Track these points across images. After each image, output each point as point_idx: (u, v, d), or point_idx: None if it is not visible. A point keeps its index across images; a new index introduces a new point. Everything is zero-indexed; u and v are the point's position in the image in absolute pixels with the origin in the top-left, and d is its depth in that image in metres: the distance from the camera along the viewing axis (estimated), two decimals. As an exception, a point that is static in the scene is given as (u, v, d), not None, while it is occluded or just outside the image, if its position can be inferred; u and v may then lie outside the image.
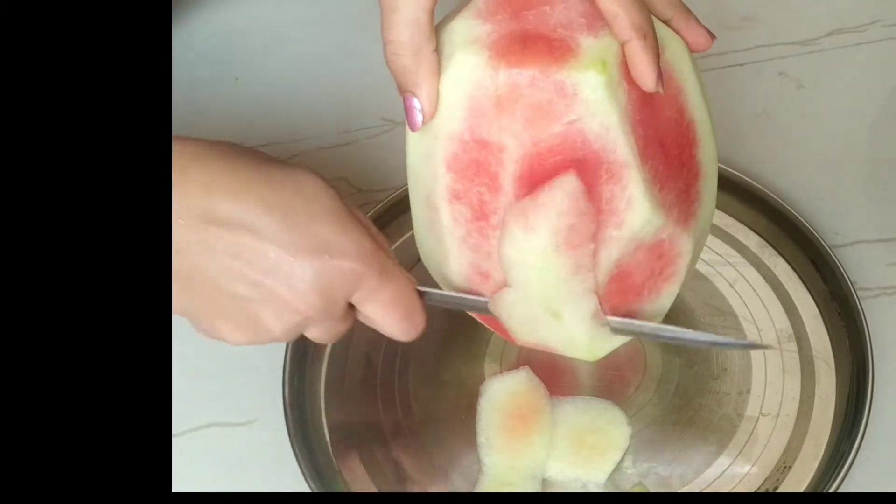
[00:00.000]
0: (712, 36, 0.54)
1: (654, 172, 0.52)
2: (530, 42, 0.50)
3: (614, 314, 0.57)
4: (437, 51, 0.51)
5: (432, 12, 0.51)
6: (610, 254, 0.53)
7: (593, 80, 0.49)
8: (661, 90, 0.51)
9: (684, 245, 0.55)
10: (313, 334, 0.54)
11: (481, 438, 0.62)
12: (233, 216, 0.50)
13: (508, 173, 0.52)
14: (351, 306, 0.54)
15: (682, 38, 0.53)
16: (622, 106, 0.50)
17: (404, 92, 0.52)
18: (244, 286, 0.50)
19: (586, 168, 0.51)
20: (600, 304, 0.55)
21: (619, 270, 0.54)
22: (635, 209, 0.52)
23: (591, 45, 0.50)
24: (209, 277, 0.50)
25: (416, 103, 0.52)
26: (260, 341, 0.53)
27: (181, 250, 0.49)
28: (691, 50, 0.54)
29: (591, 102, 0.49)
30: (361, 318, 0.55)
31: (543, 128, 0.50)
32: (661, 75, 0.50)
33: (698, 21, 0.53)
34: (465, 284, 0.58)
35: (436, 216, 0.55)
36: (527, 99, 0.50)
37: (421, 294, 0.55)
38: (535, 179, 0.51)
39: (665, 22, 0.52)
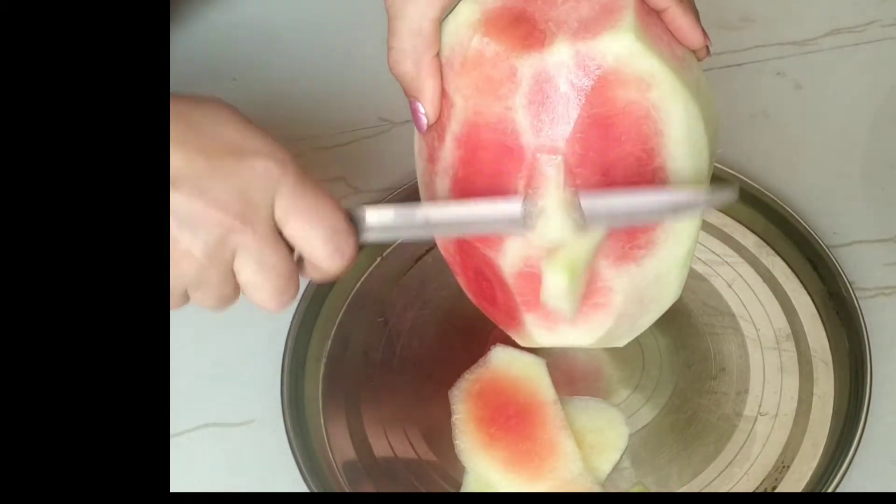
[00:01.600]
0: (706, 38, 0.54)
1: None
2: (517, 22, 0.52)
3: (529, 311, 0.59)
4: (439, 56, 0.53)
5: (437, 21, 0.52)
6: (516, 248, 0.55)
7: None
8: (708, 44, 0.53)
9: (615, 281, 0.56)
10: (246, 271, 0.48)
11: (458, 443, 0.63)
12: None
13: (451, 130, 0.53)
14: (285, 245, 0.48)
15: (672, 29, 0.53)
16: None
17: (409, 96, 0.54)
18: None
19: (511, 157, 0.52)
20: (511, 295, 0.57)
21: (530, 270, 0.56)
22: (546, 220, 0.53)
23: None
24: None
25: (420, 107, 0.53)
26: (187, 275, 0.47)
27: None
28: (682, 41, 0.54)
29: None
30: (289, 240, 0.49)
31: (487, 102, 0.52)
32: (706, 35, 0.53)
33: (695, 20, 0.53)
34: None
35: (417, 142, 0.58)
36: (484, 69, 0.52)
37: (355, 220, 0.50)
38: (469, 146, 0.53)
39: (659, 13, 0.52)
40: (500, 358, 0.65)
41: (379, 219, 0.50)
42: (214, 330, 0.70)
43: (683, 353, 0.66)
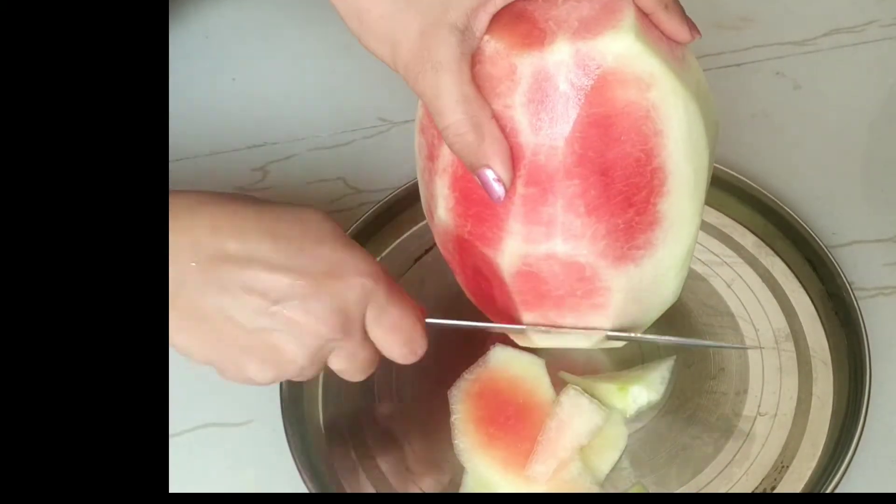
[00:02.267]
0: (695, 30, 0.53)
1: (581, 192, 0.52)
2: (517, 21, 0.52)
3: (527, 311, 0.59)
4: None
5: (472, 79, 0.51)
6: (515, 247, 0.54)
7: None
8: (698, 35, 0.53)
9: (614, 281, 0.56)
10: (338, 364, 0.55)
11: (457, 442, 0.63)
12: (241, 252, 0.51)
13: None
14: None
15: (661, 31, 0.53)
16: None
17: (477, 169, 0.52)
18: (262, 318, 0.52)
19: (512, 155, 0.52)
20: (509, 294, 0.58)
21: (528, 269, 0.56)
22: None
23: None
24: (227, 316, 0.51)
25: (490, 175, 0.51)
26: (287, 374, 0.54)
27: (196, 293, 0.51)
28: (672, 39, 0.53)
29: None
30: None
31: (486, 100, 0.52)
32: (693, 27, 0.53)
33: (682, 14, 0.53)
34: (426, 216, 0.61)
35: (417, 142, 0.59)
36: (484, 67, 0.52)
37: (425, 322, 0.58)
38: None
39: (648, 15, 0.52)
40: (499, 358, 0.65)
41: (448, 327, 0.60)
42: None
43: (682, 353, 0.66)
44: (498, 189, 0.52)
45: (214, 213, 0.52)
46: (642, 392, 0.63)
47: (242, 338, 0.52)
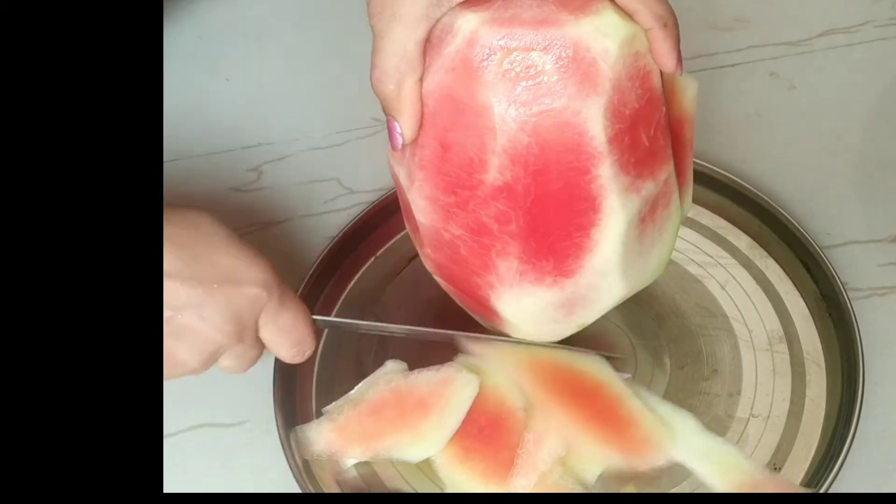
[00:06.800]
0: (680, 65, 0.54)
1: (421, 144, 0.54)
2: None
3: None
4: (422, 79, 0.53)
5: (422, 43, 0.52)
6: (402, 178, 0.57)
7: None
8: (680, 71, 0.53)
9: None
10: (226, 363, 0.57)
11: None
12: None
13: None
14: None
15: (651, 49, 0.52)
16: None
17: (387, 115, 0.54)
18: None
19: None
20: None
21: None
22: None
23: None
24: None
25: (397, 126, 0.54)
26: (176, 376, 0.55)
27: None
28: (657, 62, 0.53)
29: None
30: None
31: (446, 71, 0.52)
32: (680, 59, 0.53)
33: (675, 43, 0.53)
34: None
35: None
36: (444, 44, 0.52)
37: (315, 322, 0.61)
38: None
39: (645, 31, 0.52)
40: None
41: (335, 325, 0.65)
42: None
43: (676, 355, 0.66)
44: (398, 139, 0.55)
45: None
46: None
47: None
